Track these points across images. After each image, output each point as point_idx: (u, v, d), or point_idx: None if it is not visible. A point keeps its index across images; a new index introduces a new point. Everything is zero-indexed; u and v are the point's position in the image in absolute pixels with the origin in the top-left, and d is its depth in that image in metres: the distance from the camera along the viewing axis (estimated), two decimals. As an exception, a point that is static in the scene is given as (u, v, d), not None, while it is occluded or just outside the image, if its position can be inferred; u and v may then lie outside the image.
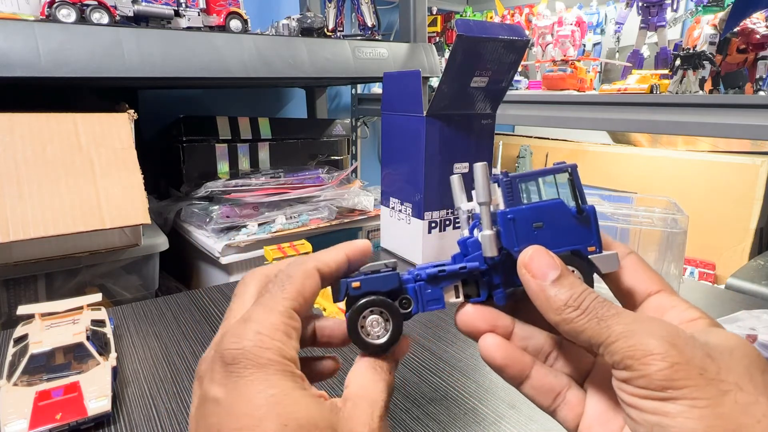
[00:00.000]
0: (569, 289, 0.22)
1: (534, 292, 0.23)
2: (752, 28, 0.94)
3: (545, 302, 0.22)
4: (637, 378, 0.19)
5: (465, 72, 0.61)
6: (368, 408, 0.22)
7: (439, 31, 1.83)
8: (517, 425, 0.39)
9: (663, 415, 0.18)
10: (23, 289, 0.73)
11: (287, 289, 0.23)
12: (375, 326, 0.24)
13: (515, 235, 0.24)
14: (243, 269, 0.92)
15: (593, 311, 0.21)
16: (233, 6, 0.90)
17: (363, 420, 0.21)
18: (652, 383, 0.18)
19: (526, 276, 0.23)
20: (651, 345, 0.19)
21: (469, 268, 0.25)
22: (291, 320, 0.22)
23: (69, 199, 0.64)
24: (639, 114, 0.97)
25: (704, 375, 0.18)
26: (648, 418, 0.18)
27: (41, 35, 0.65)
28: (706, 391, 0.18)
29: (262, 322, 0.21)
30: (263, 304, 0.22)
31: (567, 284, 0.22)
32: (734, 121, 0.84)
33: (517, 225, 0.24)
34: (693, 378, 0.18)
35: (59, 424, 0.37)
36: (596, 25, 1.41)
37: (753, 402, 0.18)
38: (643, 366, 0.18)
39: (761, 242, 1.29)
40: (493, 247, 0.25)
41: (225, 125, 1.08)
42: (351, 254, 0.26)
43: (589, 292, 0.22)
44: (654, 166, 1.49)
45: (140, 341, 0.52)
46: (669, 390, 0.18)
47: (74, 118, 0.69)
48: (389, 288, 0.25)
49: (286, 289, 0.23)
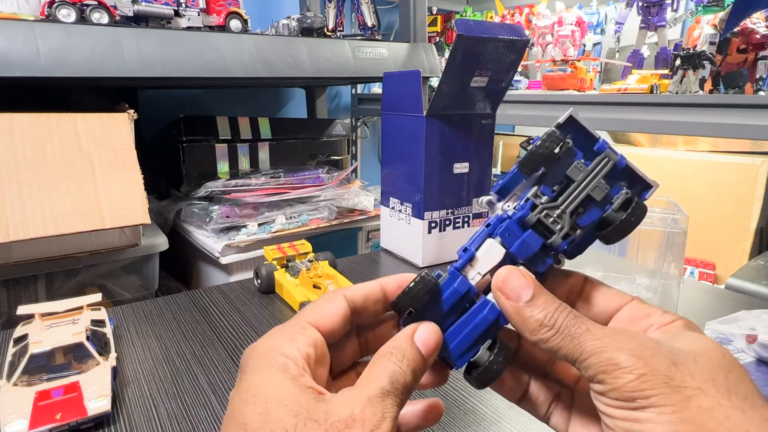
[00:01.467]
0: (543, 309, 0.22)
1: (510, 314, 0.23)
2: (752, 28, 0.94)
3: (521, 324, 0.23)
4: (609, 390, 0.20)
5: (465, 72, 0.61)
6: (357, 391, 0.21)
7: (439, 31, 1.83)
8: (517, 425, 0.39)
9: (634, 421, 0.20)
10: (23, 289, 0.73)
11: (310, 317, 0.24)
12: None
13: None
14: (243, 269, 0.92)
15: (566, 329, 0.22)
16: (233, 6, 0.90)
17: (345, 400, 0.21)
18: (623, 394, 0.20)
19: (501, 298, 0.24)
20: (620, 359, 0.20)
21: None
22: (306, 331, 0.23)
23: (69, 199, 0.64)
24: (639, 114, 0.97)
25: (669, 383, 0.19)
26: (621, 425, 0.20)
27: (41, 35, 0.65)
28: (671, 398, 0.19)
29: (283, 334, 0.23)
30: (289, 324, 0.24)
31: (541, 304, 0.23)
32: (734, 121, 0.84)
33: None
34: (659, 387, 0.19)
35: (59, 424, 0.37)
36: (596, 25, 1.41)
37: (716, 405, 0.19)
38: (614, 379, 0.20)
39: (761, 242, 1.29)
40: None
41: (225, 125, 1.08)
42: (386, 285, 0.26)
43: (561, 309, 0.22)
44: (654, 166, 1.49)
45: (140, 341, 0.52)
46: (638, 400, 0.19)
47: (74, 118, 0.69)
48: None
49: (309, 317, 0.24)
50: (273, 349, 0.22)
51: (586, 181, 0.24)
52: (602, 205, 0.24)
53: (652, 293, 0.55)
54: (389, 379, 0.22)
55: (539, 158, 0.24)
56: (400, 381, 0.22)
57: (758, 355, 0.47)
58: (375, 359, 0.23)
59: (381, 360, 0.23)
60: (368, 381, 0.22)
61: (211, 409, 0.41)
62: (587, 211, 0.24)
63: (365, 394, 0.21)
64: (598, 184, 0.24)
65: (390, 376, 0.22)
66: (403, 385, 0.22)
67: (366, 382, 0.22)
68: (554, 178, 0.25)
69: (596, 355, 0.21)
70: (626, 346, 0.20)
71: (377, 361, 0.23)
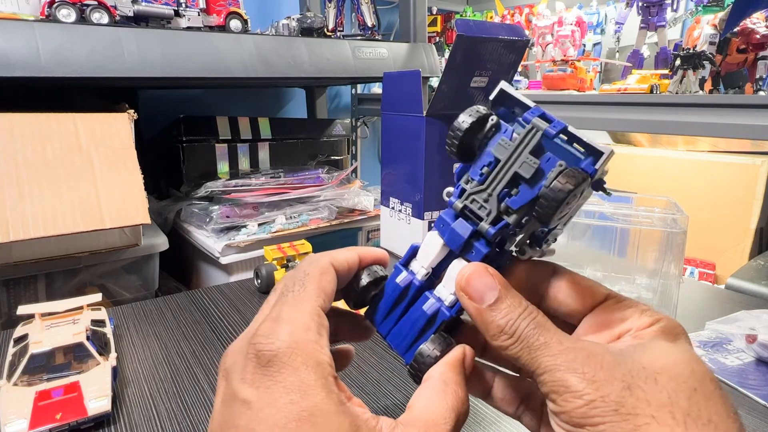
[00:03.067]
0: (506, 315, 0.21)
1: (472, 316, 0.22)
2: (752, 28, 0.94)
3: (483, 327, 0.22)
4: (560, 413, 0.19)
5: (465, 72, 0.61)
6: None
7: (439, 31, 1.83)
8: (516, 425, 0.39)
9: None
10: (23, 289, 0.73)
11: (308, 287, 0.22)
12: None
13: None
14: (243, 269, 0.92)
15: (525, 340, 0.21)
16: (233, 6, 0.90)
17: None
18: (572, 420, 0.19)
19: (464, 298, 0.22)
20: (570, 382, 0.19)
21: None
22: (320, 318, 0.22)
23: (69, 199, 0.64)
24: (639, 114, 0.97)
25: (619, 411, 0.18)
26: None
27: (41, 35, 0.65)
28: (620, 427, 0.18)
29: (294, 322, 0.21)
30: (289, 303, 0.22)
31: (504, 308, 0.21)
32: (734, 121, 0.84)
33: None
34: (608, 415, 0.18)
35: (59, 424, 0.37)
36: (596, 25, 1.41)
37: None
38: (564, 402, 0.19)
39: (761, 242, 1.29)
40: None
41: (225, 125, 1.08)
42: (363, 255, 0.26)
43: (525, 316, 0.21)
44: (654, 166, 1.49)
45: (140, 341, 0.52)
46: (586, 427, 0.18)
47: (74, 118, 0.69)
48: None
49: (307, 287, 0.22)
50: (305, 351, 0.20)
51: (512, 159, 0.21)
52: (533, 182, 0.21)
53: (652, 293, 0.55)
54: (455, 414, 0.21)
55: (458, 139, 0.22)
56: (462, 411, 0.22)
57: (758, 355, 0.47)
58: (433, 393, 0.22)
59: (440, 395, 0.22)
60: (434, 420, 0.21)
61: (211, 409, 0.41)
62: (520, 192, 0.22)
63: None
64: (525, 159, 0.21)
65: (455, 412, 0.21)
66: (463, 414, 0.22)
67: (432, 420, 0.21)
68: (484, 159, 0.23)
69: (549, 373, 0.20)
70: (580, 367, 0.19)
71: (436, 396, 0.22)
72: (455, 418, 0.21)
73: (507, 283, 0.22)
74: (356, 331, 0.27)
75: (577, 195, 0.20)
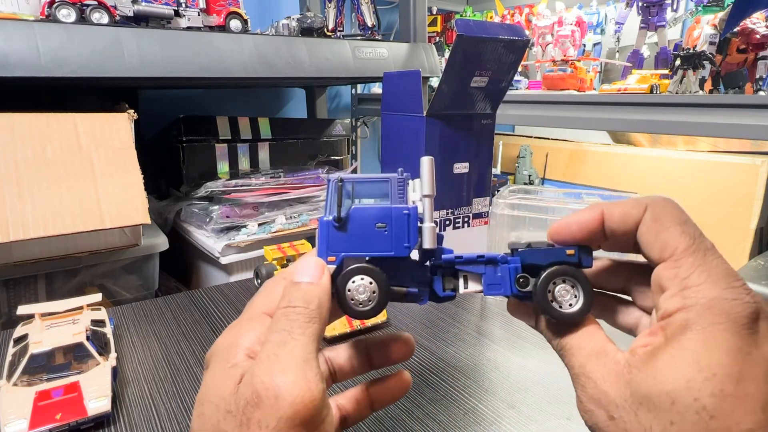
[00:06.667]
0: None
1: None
2: (752, 28, 0.94)
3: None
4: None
5: (465, 72, 0.61)
6: (257, 361, 0.21)
7: (439, 31, 1.83)
8: (516, 425, 0.39)
9: None
10: (23, 289, 0.73)
11: (301, 321, 0.22)
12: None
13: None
14: (243, 269, 0.92)
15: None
16: (233, 6, 0.90)
17: (249, 378, 0.20)
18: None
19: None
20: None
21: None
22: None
23: (69, 199, 0.64)
24: (639, 114, 0.97)
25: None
26: None
27: (41, 35, 0.65)
28: None
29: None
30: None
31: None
32: (734, 121, 0.84)
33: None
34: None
35: (59, 424, 0.37)
36: (596, 25, 1.41)
37: None
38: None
39: (761, 242, 1.29)
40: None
41: (225, 125, 1.08)
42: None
43: None
44: (654, 166, 1.49)
45: (140, 341, 0.52)
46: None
47: (74, 118, 0.69)
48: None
49: (299, 321, 0.22)
50: (232, 342, 0.22)
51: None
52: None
53: (652, 293, 0.55)
54: (277, 330, 0.22)
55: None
56: (291, 320, 0.22)
57: (758, 355, 0.47)
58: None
59: (274, 319, 0.23)
60: (264, 345, 0.21)
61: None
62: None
63: (259, 360, 0.21)
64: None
65: (277, 326, 0.22)
66: (296, 322, 0.22)
67: (261, 348, 0.21)
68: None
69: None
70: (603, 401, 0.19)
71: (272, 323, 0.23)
72: (279, 328, 0.23)
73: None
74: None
75: None
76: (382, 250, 0.24)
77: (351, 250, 0.24)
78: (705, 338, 0.17)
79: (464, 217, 0.72)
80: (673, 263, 0.19)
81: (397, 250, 0.24)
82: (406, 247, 0.24)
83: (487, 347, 0.51)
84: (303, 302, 0.22)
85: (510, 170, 1.84)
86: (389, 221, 0.25)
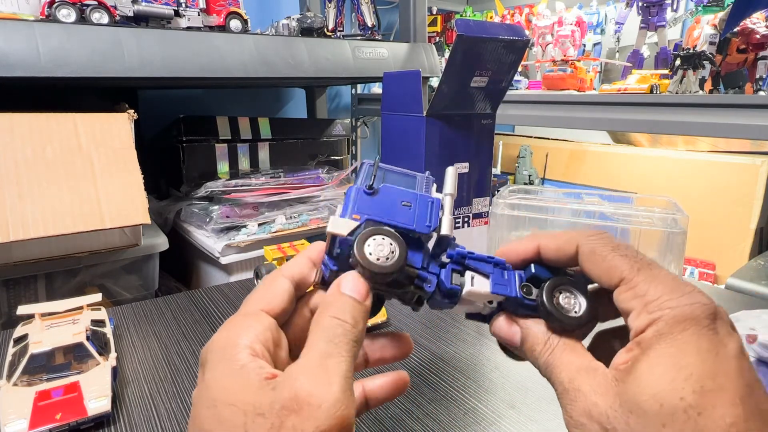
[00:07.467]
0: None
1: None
2: (752, 28, 0.94)
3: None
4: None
5: (465, 72, 0.61)
6: (299, 365, 0.21)
7: (439, 31, 1.83)
8: (516, 425, 0.39)
9: None
10: (23, 289, 0.73)
11: (350, 339, 0.23)
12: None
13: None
14: (243, 269, 0.92)
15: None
16: (233, 6, 0.90)
17: (287, 380, 0.20)
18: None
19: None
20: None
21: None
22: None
23: (69, 199, 0.64)
24: (639, 114, 0.97)
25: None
26: None
27: (41, 35, 0.65)
28: None
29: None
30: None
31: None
32: (734, 121, 0.84)
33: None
34: None
35: (59, 424, 0.37)
36: (596, 25, 1.41)
37: None
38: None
39: (761, 242, 1.29)
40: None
41: (225, 125, 1.08)
42: (313, 257, 0.27)
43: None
44: (654, 166, 1.49)
45: (140, 341, 0.52)
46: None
47: (74, 118, 0.69)
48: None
49: (348, 338, 0.23)
50: (231, 341, 0.22)
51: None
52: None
53: (652, 293, 0.55)
54: (326, 339, 0.21)
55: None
56: (339, 333, 0.22)
57: (758, 355, 0.47)
58: (311, 325, 0.22)
59: (315, 322, 0.22)
60: (308, 350, 0.21)
61: (211, 409, 0.41)
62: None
63: (305, 366, 0.20)
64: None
65: (326, 335, 0.21)
66: (344, 337, 0.22)
67: (306, 352, 0.21)
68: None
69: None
70: (593, 410, 0.20)
71: (312, 326, 0.22)
72: (327, 338, 0.23)
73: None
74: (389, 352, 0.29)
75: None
76: (405, 223, 0.25)
77: (375, 216, 0.25)
78: (678, 343, 0.18)
79: (464, 216, 0.72)
80: (626, 285, 0.21)
81: (419, 227, 0.25)
82: (427, 226, 0.25)
83: (487, 347, 0.51)
84: (352, 319, 0.22)
85: (510, 170, 1.84)
86: (414, 202, 0.26)
